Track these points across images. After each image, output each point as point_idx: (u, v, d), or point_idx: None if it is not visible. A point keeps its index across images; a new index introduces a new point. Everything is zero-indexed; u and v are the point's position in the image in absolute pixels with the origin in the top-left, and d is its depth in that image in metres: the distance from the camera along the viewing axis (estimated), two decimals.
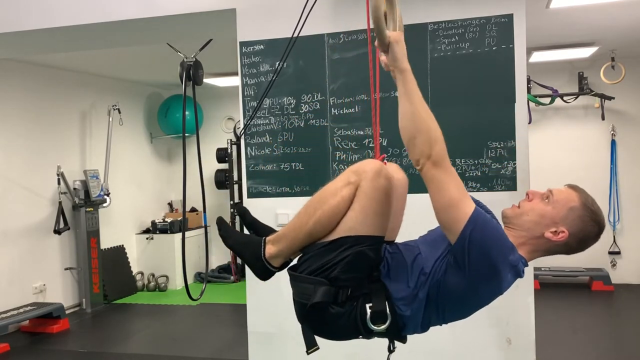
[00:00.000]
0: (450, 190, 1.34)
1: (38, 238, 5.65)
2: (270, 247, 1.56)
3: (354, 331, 1.50)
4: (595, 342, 4.66)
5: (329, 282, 1.44)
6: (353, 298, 1.45)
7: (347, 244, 1.43)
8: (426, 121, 1.37)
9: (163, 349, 4.80)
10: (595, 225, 1.45)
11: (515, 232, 1.47)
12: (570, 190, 1.48)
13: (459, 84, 2.90)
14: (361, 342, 3.17)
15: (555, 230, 1.43)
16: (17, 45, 3.95)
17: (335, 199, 1.45)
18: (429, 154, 1.34)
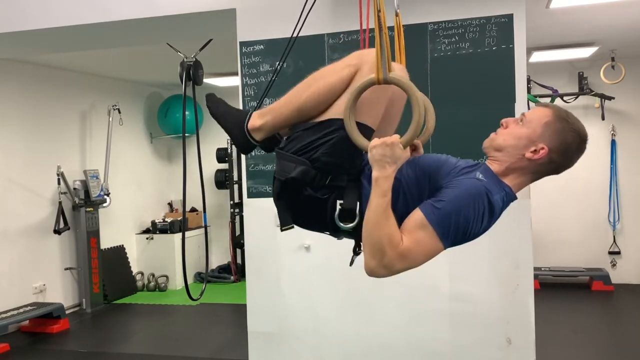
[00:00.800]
0: (416, 261, 1.36)
1: (38, 238, 5.65)
2: (255, 119, 1.55)
3: (322, 223, 1.49)
4: (595, 342, 4.65)
5: (310, 163, 1.43)
6: (329, 188, 1.44)
7: (335, 125, 1.42)
8: (379, 234, 1.34)
9: (163, 349, 4.79)
10: (575, 135, 1.41)
11: (496, 160, 1.45)
12: (541, 107, 1.46)
13: (459, 84, 2.90)
14: (361, 343, 3.18)
15: (535, 149, 1.40)
16: (17, 45, 3.95)
17: (333, 77, 1.43)
18: (380, 264, 1.34)
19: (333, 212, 1.44)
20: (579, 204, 6.24)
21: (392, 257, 1.32)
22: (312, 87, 1.45)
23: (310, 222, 1.53)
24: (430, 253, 1.36)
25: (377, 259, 1.33)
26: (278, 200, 1.52)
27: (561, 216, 6.27)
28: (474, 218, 1.34)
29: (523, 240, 2.89)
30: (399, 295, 3.06)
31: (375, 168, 1.35)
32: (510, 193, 1.43)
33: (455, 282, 2.97)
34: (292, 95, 1.49)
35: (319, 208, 1.46)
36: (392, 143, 1.34)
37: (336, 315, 3.14)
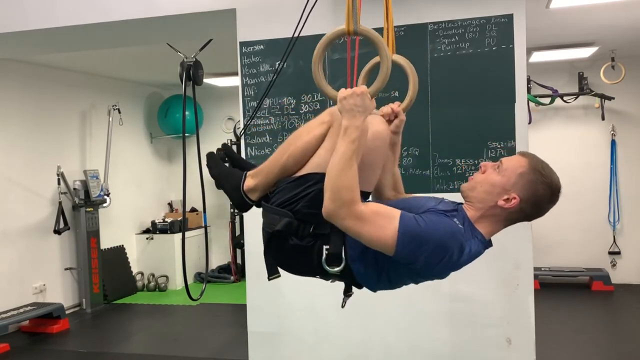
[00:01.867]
0: (366, 236, 1.39)
1: (38, 238, 5.65)
2: (249, 180, 1.66)
3: (311, 268, 1.55)
4: (595, 342, 4.66)
5: (293, 215, 1.51)
6: (314, 236, 1.51)
7: (313, 180, 1.50)
8: (344, 181, 1.38)
9: (163, 349, 4.79)
10: (547, 188, 1.45)
11: (472, 205, 1.49)
12: (519, 156, 1.50)
13: (459, 84, 2.90)
14: (360, 343, 3.18)
15: (507, 197, 1.44)
16: (17, 45, 3.95)
17: (308, 136, 1.54)
18: (340, 215, 1.38)
19: (320, 258, 1.50)
20: (579, 204, 6.23)
21: (348, 211, 1.38)
22: (292, 146, 1.57)
23: (300, 268, 1.60)
24: (379, 239, 1.38)
25: (335, 204, 1.38)
26: (267, 250, 1.61)
27: (561, 216, 6.26)
28: (437, 252, 1.38)
29: (523, 240, 2.89)
30: (399, 295, 3.05)
31: (346, 117, 1.42)
32: (482, 240, 1.48)
33: (455, 282, 2.97)
34: (277, 155, 1.61)
35: (306, 255, 1.53)
36: (362, 92, 1.42)
37: (336, 315, 3.14)
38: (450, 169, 2.94)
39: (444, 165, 2.94)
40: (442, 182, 2.95)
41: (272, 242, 1.57)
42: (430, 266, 1.41)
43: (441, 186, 2.94)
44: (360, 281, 1.55)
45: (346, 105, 1.42)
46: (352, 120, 1.41)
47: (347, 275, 1.53)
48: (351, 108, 1.41)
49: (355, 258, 1.49)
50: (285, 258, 1.59)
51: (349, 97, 1.42)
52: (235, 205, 1.71)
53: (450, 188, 2.92)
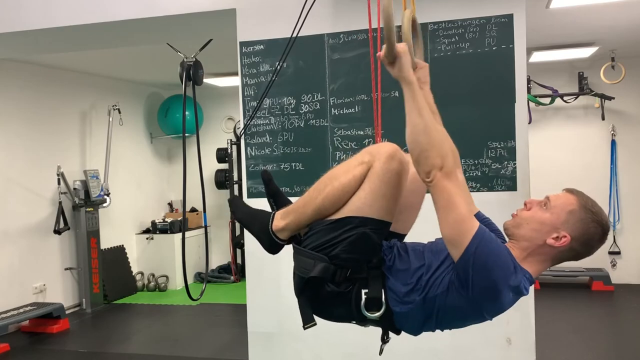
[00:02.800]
0: (459, 204, 1.33)
1: (38, 238, 5.65)
2: (278, 220, 1.57)
3: (348, 314, 1.50)
4: (595, 342, 4.65)
5: (329, 260, 1.44)
6: (351, 280, 1.46)
7: (352, 223, 1.43)
8: (440, 134, 1.38)
9: (163, 349, 4.79)
10: (598, 226, 1.42)
11: (518, 244, 1.44)
12: (567, 194, 1.46)
13: (459, 84, 2.90)
14: (360, 343, 3.17)
15: (557, 235, 1.40)
16: (17, 45, 3.95)
17: (346, 176, 1.45)
18: (441, 165, 1.33)
19: (358, 302, 1.45)
20: None
21: (451, 165, 1.35)
22: (328, 187, 1.47)
23: (336, 314, 1.54)
24: (463, 217, 1.33)
25: (442, 157, 1.33)
26: (300, 296, 1.55)
27: None
28: (503, 274, 1.34)
29: None
30: None
31: (411, 72, 1.40)
32: (530, 278, 1.44)
33: None
34: (311, 195, 1.51)
35: (343, 300, 1.47)
36: (407, 50, 1.43)
37: None
38: None
39: None
40: None
41: (307, 288, 1.51)
42: (482, 297, 1.35)
43: None
44: (400, 325, 1.49)
45: (409, 60, 1.41)
46: (412, 76, 1.41)
47: (386, 321, 1.47)
48: (409, 65, 1.41)
49: (400, 301, 1.43)
50: (321, 304, 1.53)
51: (406, 55, 1.42)
52: (265, 247, 1.63)
53: None
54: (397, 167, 1.41)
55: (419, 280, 1.43)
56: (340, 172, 1.48)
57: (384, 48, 1.41)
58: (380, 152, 1.43)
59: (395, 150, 1.42)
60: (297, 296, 1.56)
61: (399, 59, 1.40)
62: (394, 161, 1.41)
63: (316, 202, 1.48)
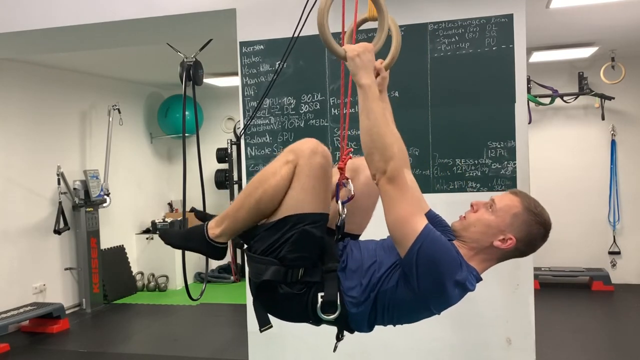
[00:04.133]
0: (400, 207, 1.37)
1: (38, 238, 5.65)
2: (213, 229, 1.61)
3: (304, 315, 1.54)
4: (595, 342, 4.65)
5: (279, 262, 1.48)
6: (306, 283, 1.49)
7: (290, 222, 1.47)
8: (382, 137, 1.39)
9: (163, 349, 4.79)
10: (541, 227, 1.47)
11: (466, 244, 1.50)
12: (511, 195, 1.51)
13: (459, 84, 2.90)
14: (360, 343, 3.17)
15: (503, 237, 1.46)
16: (17, 45, 3.95)
17: (275, 178, 1.49)
18: (383, 169, 1.38)
19: (314, 305, 1.49)
20: (579, 204, 6.23)
21: (396, 166, 1.37)
22: (259, 190, 1.51)
23: (292, 315, 1.58)
24: (410, 216, 1.37)
25: (388, 160, 1.37)
26: (256, 300, 1.58)
27: (561, 216, 6.23)
28: (452, 263, 1.39)
29: None
30: None
31: (364, 75, 1.43)
32: (477, 276, 1.48)
33: None
34: (242, 199, 1.56)
35: (298, 302, 1.51)
36: (372, 48, 1.47)
37: None
38: (450, 169, 2.94)
39: (444, 165, 2.94)
40: (442, 182, 2.95)
41: (261, 292, 1.53)
42: (428, 291, 1.40)
43: (441, 186, 2.94)
44: (354, 325, 1.53)
45: (365, 60, 1.43)
46: (371, 77, 1.43)
47: (342, 321, 1.51)
48: (365, 65, 1.43)
49: (354, 302, 1.48)
50: (277, 306, 1.56)
51: (362, 54, 1.43)
52: (211, 257, 1.66)
53: (450, 188, 2.92)
54: (321, 160, 1.47)
55: (370, 279, 1.47)
56: (268, 174, 1.51)
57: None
58: (303, 149, 1.48)
59: (317, 145, 1.48)
60: (253, 301, 1.59)
61: (348, 62, 1.46)
62: (316, 156, 1.46)
63: (249, 205, 1.52)
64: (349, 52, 1.45)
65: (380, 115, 1.39)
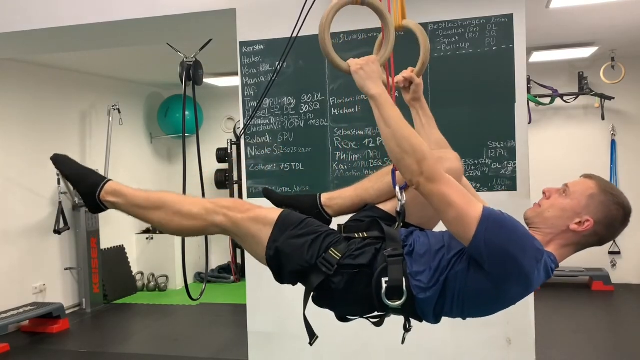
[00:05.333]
0: (452, 204, 1.32)
1: (38, 238, 5.65)
2: (108, 194, 1.65)
3: (369, 305, 1.48)
4: (595, 342, 4.65)
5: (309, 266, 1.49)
6: (360, 267, 1.44)
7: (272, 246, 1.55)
8: (408, 140, 1.36)
9: (163, 349, 4.79)
10: (620, 208, 1.41)
11: (540, 231, 1.44)
12: (586, 179, 1.46)
13: (459, 84, 2.90)
14: (360, 343, 3.17)
15: (580, 220, 1.40)
16: (18, 45, 3.95)
17: (191, 221, 1.59)
18: (420, 171, 1.33)
19: (379, 291, 1.41)
20: None
21: (431, 165, 1.33)
22: (175, 218, 1.60)
23: (355, 306, 1.54)
24: (465, 208, 1.31)
25: (423, 163, 1.33)
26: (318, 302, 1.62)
27: None
28: (517, 256, 1.29)
29: None
30: None
31: (373, 85, 1.42)
32: (555, 260, 1.42)
33: None
34: (147, 203, 1.64)
35: (361, 291, 1.46)
36: (376, 60, 1.47)
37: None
38: None
39: None
40: None
41: (319, 294, 1.54)
42: (506, 275, 1.31)
43: None
44: (422, 312, 1.45)
45: (369, 72, 1.42)
46: (380, 87, 1.42)
47: (408, 309, 1.44)
48: (371, 75, 1.42)
49: (421, 286, 1.40)
50: (341, 301, 1.54)
51: (365, 66, 1.43)
52: (88, 208, 1.70)
53: None
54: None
55: (440, 262, 1.41)
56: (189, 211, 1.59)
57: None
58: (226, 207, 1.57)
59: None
60: (312, 300, 1.59)
61: (353, 76, 1.46)
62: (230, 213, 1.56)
63: (151, 215, 1.61)
64: (352, 66, 1.44)
65: (399, 119, 1.37)
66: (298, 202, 1.70)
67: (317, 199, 1.67)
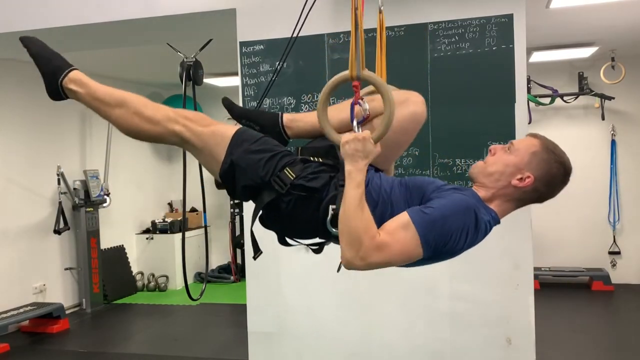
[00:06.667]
0: (393, 261, 1.37)
1: (38, 238, 5.65)
2: (70, 82, 1.69)
3: (313, 229, 1.52)
4: (595, 342, 4.65)
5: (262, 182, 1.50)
6: (313, 191, 1.47)
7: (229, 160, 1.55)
8: (354, 229, 1.35)
9: (163, 349, 4.79)
10: (561, 167, 1.45)
11: (483, 187, 1.48)
12: (530, 137, 1.50)
13: (459, 84, 2.90)
14: (360, 343, 3.17)
15: (521, 177, 1.44)
16: (18, 45, 3.95)
17: (154, 127, 1.65)
18: (355, 256, 1.35)
19: (324, 217, 1.46)
20: (579, 204, 6.23)
21: (368, 248, 1.33)
22: (135, 117, 1.65)
23: (302, 228, 1.56)
24: (407, 253, 1.37)
25: (354, 249, 1.34)
26: (264, 222, 1.61)
27: (561, 216, 6.26)
28: (459, 230, 1.36)
29: (523, 240, 2.89)
30: (399, 295, 3.06)
31: (348, 162, 1.40)
32: (495, 217, 1.46)
33: (455, 282, 2.97)
34: (110, 100, 1.67)
35: (310, 213, 1.49)
36: (364, 138, 1.40)
37: (336, 315, 3.14)
38: (450, 169, 2.94)
39: (444, 165, 2.94)
40: None
41: (267, 211, 1.54)
42: (455, 248, 1.39)
43: None
44: None
45: (348, 149, 1.40)
46: (354, 165, 1.39)
47: None
48: (353, 153, 1.40)
49: None
50: (289, 220, 1.54)
51: (350, 142, 1.40)
52: (47, 92, 1.74)
53: None
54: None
55: (387, 197, 1.46)
56: (151, 115, 1.64)
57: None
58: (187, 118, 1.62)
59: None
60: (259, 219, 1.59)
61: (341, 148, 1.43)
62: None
63: (110, 111, 1.66)
64: (342, 140, 1.43)
65: (353, 203, 1.35)
66: (259, 117, 1.71)
67: (279, 118, 1.67)
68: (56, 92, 1.71)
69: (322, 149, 1.57)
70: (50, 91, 1.71)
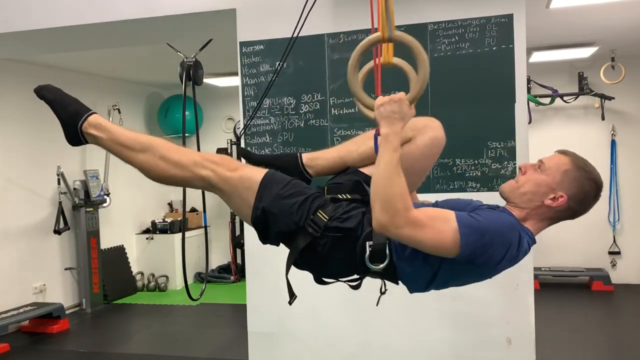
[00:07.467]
0: (423, 241, 1.35)
1: (38, 238, 5.65)
2: (91, 127, 1.65)
3: (352, 267, 1.52)
4: (595, 342, 4.66)
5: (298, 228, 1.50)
6: (348, 232, 1.46)
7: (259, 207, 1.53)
8: (389, 192, 1.34)
9: (163, 349, 4.80)
10: (593, 184, 1.46)
11: (517, 208, 1.48)
12: (560, 155, 1.50)
13: (459, 84, 2.90)
14: (360, 343, 3.17)
15: (554, 196, 1.44)
16: (18, 45, 3.95)
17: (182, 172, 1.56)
18: (389, 222, 1.34)
19: (362, 254, 1.45)
20: None
21: (402, 217, 1.32)
22: (161, 163, 1.57)
23: (340, 268, 1.55)
24: (441, 242, 1.34)
25: (388, 214, 1.32)
26: (299, 265, 1.58)
27: None
28: (502, 243, 1.35)
29: None
30: (399, 295, 3.05)
31: (384, 125, 1.38)
32: (532, 236, 1.46)
33: None
34: (131, 149, 1.60)
35: (346, 253, 1.48)
36: (400, 99, 1.39)
37: (336, 315, 3.14)
38: (450, 169, 2.94)
39: (444, 165, 2.94)
40: (442, 182, 2.95)
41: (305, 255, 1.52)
42: (493, 261, 1.37)
43: (441, 186, 2.94)
44: (406, 282, 1.51)
45: (384, 112, 1.38)
46: (391, 127, 1.37)
47: (389, 273, 1.49)
48: (389, 115, 1.38)
49: (402, 257, 1.45)
50: (325, 262, 1.54)
51: (386, 104, 1.39)
52: (65, 133, 1.70)
53: (450, 188, 2.92)
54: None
55: None
56: (177, 159, 1.56)
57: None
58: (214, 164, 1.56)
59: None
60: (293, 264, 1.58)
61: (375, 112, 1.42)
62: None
63: (135, 156, 1.58)
64: (376, 103, 1.42)
65: (389, 166, 1.34)
66: (277, 160, 1.70)
67: (298, 158, 1.67)
68: (76, 138, 1.66)
69: (347, 185, 1.57)
70: (70, 137, 1.68)
